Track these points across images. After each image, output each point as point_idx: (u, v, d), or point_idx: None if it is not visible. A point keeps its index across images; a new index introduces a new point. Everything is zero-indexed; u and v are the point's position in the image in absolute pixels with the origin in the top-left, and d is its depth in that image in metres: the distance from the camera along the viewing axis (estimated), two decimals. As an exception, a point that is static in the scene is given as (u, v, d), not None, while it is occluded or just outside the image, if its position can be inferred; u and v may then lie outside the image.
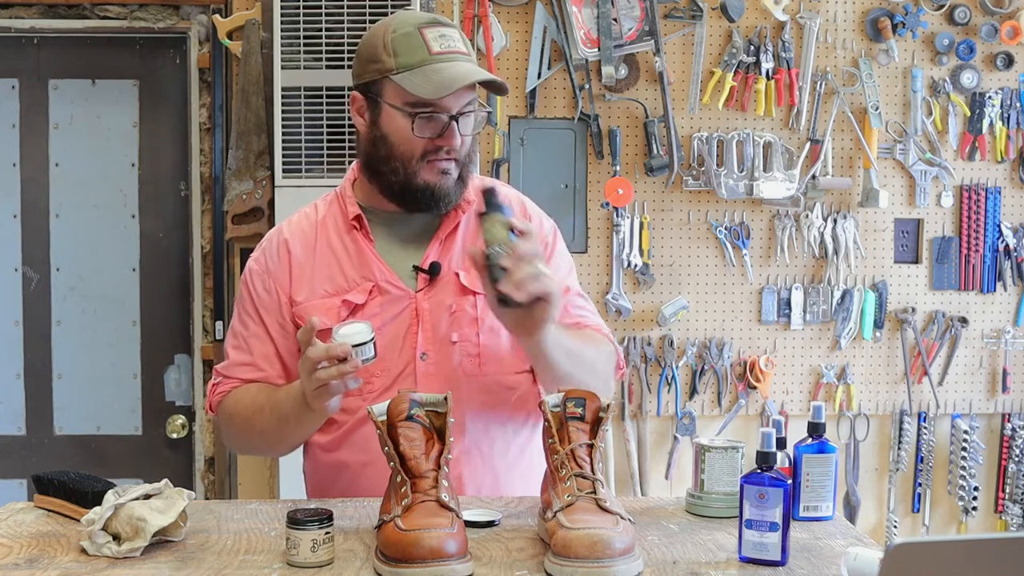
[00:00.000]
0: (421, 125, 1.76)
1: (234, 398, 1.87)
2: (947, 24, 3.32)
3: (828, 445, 1.65)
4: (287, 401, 1.75)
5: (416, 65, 1.74)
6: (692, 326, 3.33)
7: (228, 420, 1.88)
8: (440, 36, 1.76)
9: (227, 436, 1.95)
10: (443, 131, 1.76)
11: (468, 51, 1.79)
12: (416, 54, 1.74)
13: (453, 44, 1.76)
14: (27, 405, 3.36)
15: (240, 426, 1.86)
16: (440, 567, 1.35)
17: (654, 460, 3.36)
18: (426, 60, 1.74)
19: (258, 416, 1.81)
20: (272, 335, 1.86)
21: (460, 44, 1.78)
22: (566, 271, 1.93)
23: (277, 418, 1.77)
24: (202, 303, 3.32)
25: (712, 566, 1.44)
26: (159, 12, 3.26)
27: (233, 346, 1.91)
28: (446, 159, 1.78)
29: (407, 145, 1.77)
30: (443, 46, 1.75)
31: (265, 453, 2.02)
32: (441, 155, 1.77)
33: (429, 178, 1.78)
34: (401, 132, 1.77)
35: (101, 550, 1.47)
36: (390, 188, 1.82)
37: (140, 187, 3.35)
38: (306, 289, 1.84)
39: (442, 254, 1.84)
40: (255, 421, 1.81)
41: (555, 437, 1.51)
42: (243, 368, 1.88)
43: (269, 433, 1.81)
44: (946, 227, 3.39)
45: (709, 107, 3.28)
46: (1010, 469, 3.42)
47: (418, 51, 1.74)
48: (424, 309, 1.82)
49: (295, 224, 1.91)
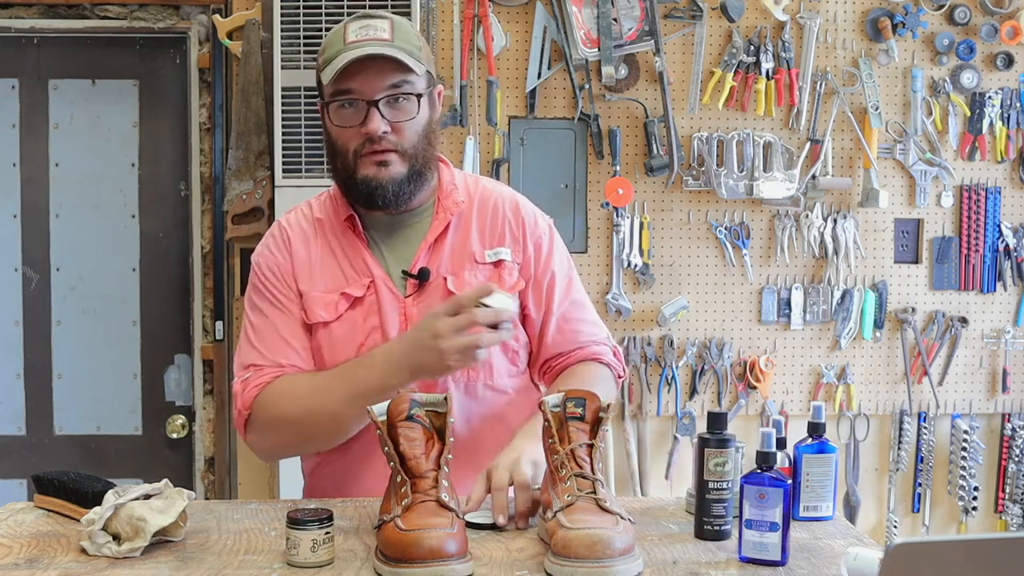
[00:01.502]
0: (337, 114, 1.75)
1: (282, 388, 1.77)
2: (947, 24, 3.32)
3: (828, 445, 1.65)
4: (370, 372, 1.69)
5: (332, 58, 1.74)
6: (692, 326, 3.33)
7: (275, 416, 1.76)
8: (361, 27, 1.75)
9: (269, 434, 1.80)
10: (365, 118, 1.74)
11: (392, 38, 1.74)
12: (334, 47, 1.75)
13: (372, 33, 1.74)
14: (27, 405, 3.36)
15: (298, 417, 1.75)
16: (440, 567, 1.35)
17: (654, 460, 3.35)
18: (340, 51, 1.74)
19: (326, 397, 1.72)
20: (296, 317, 1.82)
21: (382, 33, 1.74)
22: (564, 270, 1.92)
23: (355, 393, 1.69)
24: (202, 303, 3.32)
25: (712, 566, 1.44)
26: (159, 12, 3.26)
27: (257, 336, 1.82)
28: (379, 151, 1.75)
29: (341, 140, 1.77)
30: (359, 35, 1.74)
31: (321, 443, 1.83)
32: (372, 147, 1.74)
33: (367, 172, 1.76)
34: (330, 125, 1.78)
35: (101, 550, 1.47)
36: (342, 186, 1.82)
37: (140, 187, 3.35)
38: (308, 282, 1.84)
39: (431, 259, 1.83)
40: (324, 404, 1.73)
41: (555, 437, 1.51)
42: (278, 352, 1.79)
43: (341, 411, 1.72)
44: (946, 227, 3.39)
45: (709, 107, 3.28)
46: (1010, 469, 3.42)
47: (336, 44, 1.75)
48: (413, 315, 1.80)
49: (294, 220, 1.91)
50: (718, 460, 1.53)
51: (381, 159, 1.75)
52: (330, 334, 1.81)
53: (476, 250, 1.85)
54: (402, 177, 1.77)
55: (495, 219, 1.88)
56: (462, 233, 1.86)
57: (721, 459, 1.52)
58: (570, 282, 1.93)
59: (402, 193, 1.78)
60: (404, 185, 1.78)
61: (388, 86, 1.74)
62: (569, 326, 1.89)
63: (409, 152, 1.77)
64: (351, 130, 1.75)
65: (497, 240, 1.87)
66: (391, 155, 1.76)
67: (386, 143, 1.75)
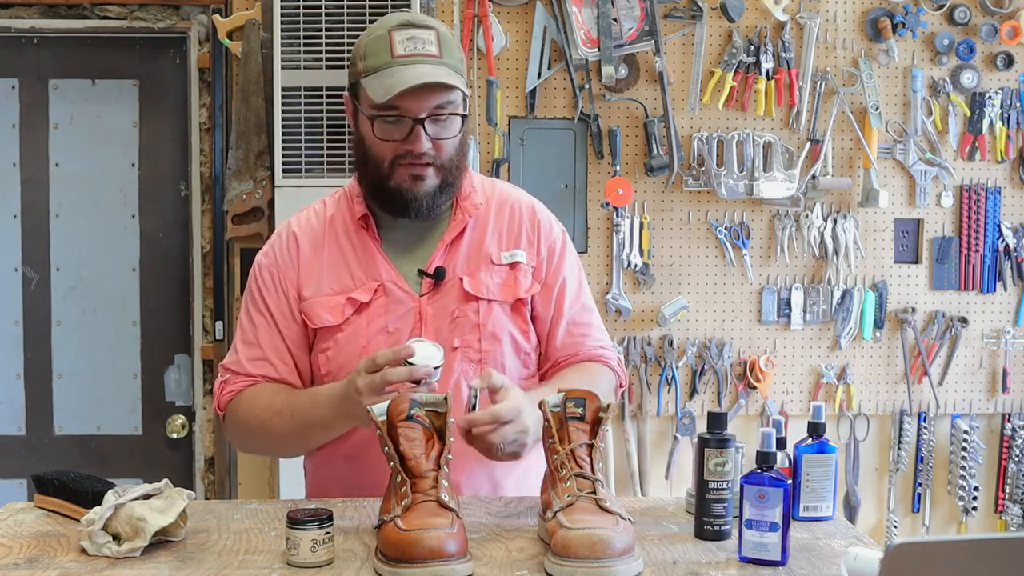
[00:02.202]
0: (383, 128, 1.75)
1: (248, 399, 1.84)
2: (947, 24, 3.32)
3: (828, 445, 1.65)
4: (313, 407, 1.74)
5: (378, 68, 1.73)
6: (692, 326, 3.33)
7: (240, 421, 1.85)
8: (408, 38, 1.74)
9: (236, 436, 1.92)
10: (409, 134, 1.74)
11: (440, 53, 1.75)
12: (380, 57, 1.74)
13: (420, 47, 1.74)
14: (27, 405, 3.36)
15: (255, 429, 1.82)
16: (440, 567, 1.35)
17: (654, 460, 3.36)
18: (387, 63, 1.73)
19: (277, 419, 1.79)
20: (281, 329, 1.85)
21: (430, 47, 1.75)
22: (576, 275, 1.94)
23: (301, 423, 1.76)
24: (202, 303, 3.32)
25: (712, 566, 1.44)
26: (159, 12, 3.26)
27: (242, 341, 1.88)
28: (418, 164, 1.76)
29: (377, 148, 1.77)
30: (408, 49, 1.74)
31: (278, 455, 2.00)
32: (411, 160, 1.75)
33: (401, 182, 1.77)
34: (369, 135, 1.78)
35: (101, 550, 1.47)
36: (371, 189, 1.82)
37: (140, 187, 3.35)
38: (313, 285, 1.85)
39: (447, 259, 1.84)
40: (274, 424, 1.79)
41: (555, 437, 1.51)
42: (254, 363, 1.85)
43: (288, 437, 1.79)
44: (946, 227, 3.39)
45: (709, 107, 3.28)
46: (1010, 469, 3.42)
47: (382, 54, 1.74)
48: (428, 314, 1.81)
49: (304, 220, 1.91)
50: (718, 460, 1.53)
51: (418, 173, 1.76)
52: (335, 338, 1.82)
53: (492, 251, 1.86)
54: (435, 189, 1.79)
55: (512, 222, 1.89)
56: (479, 235, 1.87)
57: (721, 459, 1.52)
58: (580, 288, 1.94)
59: (435, 205, 1.80)
60: (436, 196, 1.79)
61: (434, 106, 1.74)
62: (578, 330, 1.90)
63: (445, 165, 1.79)
64: (391, 143, 1.76)
65: (513, 242, 1.88)
66: (428, 169, 1.77)
67: (426, 158, 1.76)
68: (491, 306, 1.83)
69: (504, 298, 1.84)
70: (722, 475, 1.52)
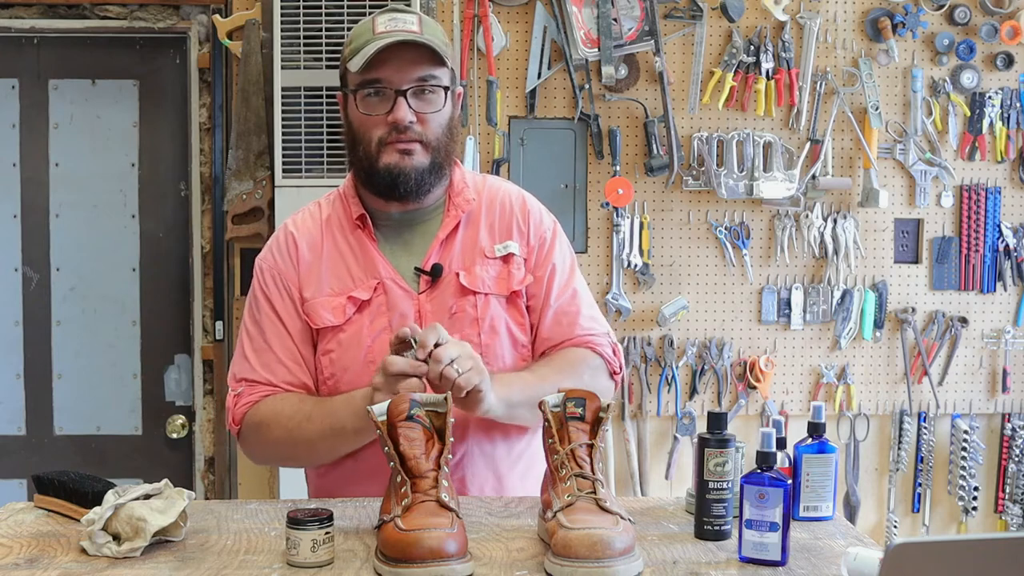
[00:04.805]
0: (366, 103, 1.77)
1: (271, 407, 1.80)
2: (947, 24, 3.32)
3: (828, 445, 1.65)
4: (345, 411, 1.72)
5: (360, 47, 1.76)
6: (692, 326, 3.33)
7: (263, 430, 1.80)
8: (390, 19, 1.77)
9: (257, 448, 1.86)
10: (392, 107, 1.75)
11: (421, 32, 1.76)
12: (362, 38, 1.77)
13: (402, 25, 1.76)
14: (27, 405, 3.36)
15: (280, 437, 1.79)
16: (440, 567, 1.35)
17: (654, 460, 3.36)
18: (368, 40, 1.75)
19: (306, 425, 1.76)
20: (291, 331, 1.84)
21: (412, 26, 1.76)
22: (565, 264, 1.93)
23: (331, 428, 1.74)
24: (202, 303, 3.32)
25: (712, 566, 1.44)
26: (159, 12, 3.26)
27: (252, 348, 1.85)
28: (404, 139, 1.76)
29: (365, 128, 1.78)
30: (388, 27, 1.76)
31: (300, 464, 1.94)
32: (397, 135, 1.76)
33: (390, 160, 1.77)
34: (355, 114, 1.79)
35: (101, 550, 1.47)
36: (363, 176, 1.83)
37: (140, 187, 3.35)
38: (313, 286, 1.85)
39: (443, 255, 1.85)
40: (302, 430, 1.76)
41: (555, 437, 1.51)
42: (268, 368, 1.83)
43: (318, 443, 1.76)
44: (946, 227, 3.39)
45: (709, 107, 3.28)
46: (1010, 469, 3.42)
47: (364, 35, 1.77)
48: (427, 311, 1.82)
49: (300, 222, 1.91)
50: (718, 460, 1.53)
51: (405, 148, 1.77)
52: (338, 339, 1.82)
53: (486, 245, 1.86)
54: (424, 167, 1.79)
55: (503, 214, 1.90)
56: (472, 230, 1.87)
57: (721, 459, 1.52)
58: (570, 277, 1.93)
59: (423, 183, 1.80)
60: (426, 176, 1.79)
61: (416, 77, 1.75)
62: (567, 319, 1.89)
63: (432, 144, 1.79)
64: (376, 119, 1.77)
65: (505, 234, 1.88)
66: (415, 145, 1.77)
67: (411, 133, 1.76)
68: (488, 299, 1.83)
69: (500, 291, 1.84)
70: (722, 475, 1.52)
